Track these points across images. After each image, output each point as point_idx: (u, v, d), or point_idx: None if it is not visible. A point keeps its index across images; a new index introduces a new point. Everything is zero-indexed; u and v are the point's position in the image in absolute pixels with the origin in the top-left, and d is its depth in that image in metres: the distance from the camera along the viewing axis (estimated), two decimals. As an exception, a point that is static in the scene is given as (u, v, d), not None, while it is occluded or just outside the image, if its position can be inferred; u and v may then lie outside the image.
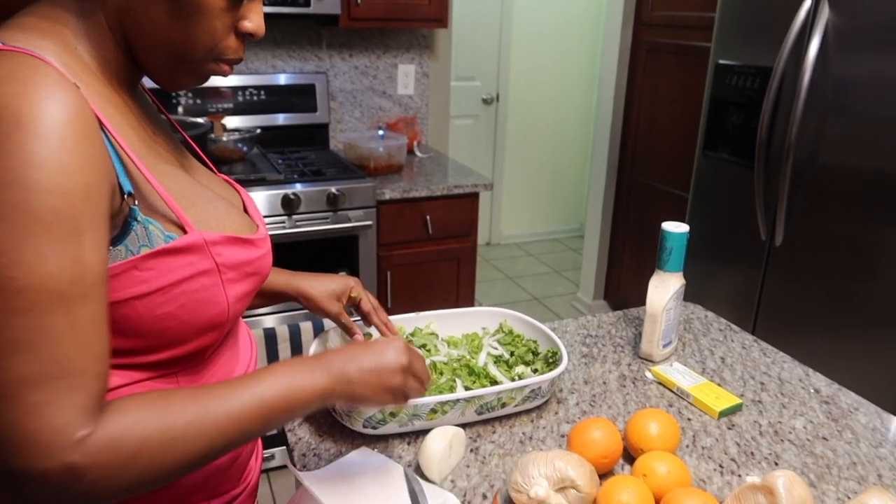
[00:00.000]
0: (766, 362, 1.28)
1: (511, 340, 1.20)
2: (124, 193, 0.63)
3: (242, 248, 0.73)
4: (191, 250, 0.67)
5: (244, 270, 0.74)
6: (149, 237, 0.65)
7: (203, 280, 0.68)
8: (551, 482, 0.84)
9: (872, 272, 1.97)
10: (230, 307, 0.72)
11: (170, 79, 0.72)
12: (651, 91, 3.14)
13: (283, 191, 2.15)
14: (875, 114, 1.91)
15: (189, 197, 0.72)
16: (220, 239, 0.70)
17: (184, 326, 0.69)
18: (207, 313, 0.70)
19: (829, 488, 0.94)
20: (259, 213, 0.88)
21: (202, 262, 0.68)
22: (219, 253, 0.70)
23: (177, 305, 0.67)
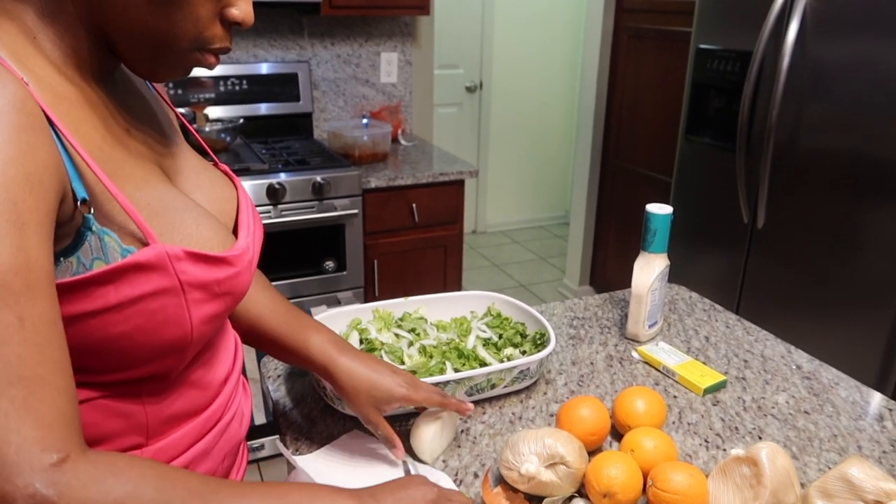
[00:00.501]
0: (749, 340, 1.30)
1: (499, 323, 1.21)
2: (77, 200, 0.57)
3: (212, 266, 0.65)
4: (151, 266, 0.60)
5: (213, 291, 0.66)
6: (104, 250, 0.58)
7: (164, 300, 0.61)
8: (541, 459, 0.85)
9: (852, 253, 2.00)
10: (194, 330, 0.64)
11: (151, 70, 0.66)
12: (633, 76, 3.16)
13: (267, 180, 2.15)
14: (853, 97, 1.94)
15: (155, 205, 0.64)
16: (185, 255, 0.62)
17: (140, 348, 0.62)
18: (168, 336, 0.63)
19: (811, 460, 0.97)
20: (253, 216, 0.80)
21: (163, 279, 0.61)
22: (183, 270, 0.62)
23: (132, 325, 0.60)
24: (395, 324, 1.20)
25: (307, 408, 1.06)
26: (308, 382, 1.12)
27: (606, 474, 0.84)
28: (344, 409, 1.01)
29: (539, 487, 0.85)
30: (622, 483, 0.83)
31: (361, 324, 1.18)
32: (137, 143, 0.68)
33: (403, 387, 0.89)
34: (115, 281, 0.58)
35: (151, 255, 0.60)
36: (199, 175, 0.77)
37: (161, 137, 0.74)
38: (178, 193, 0.68)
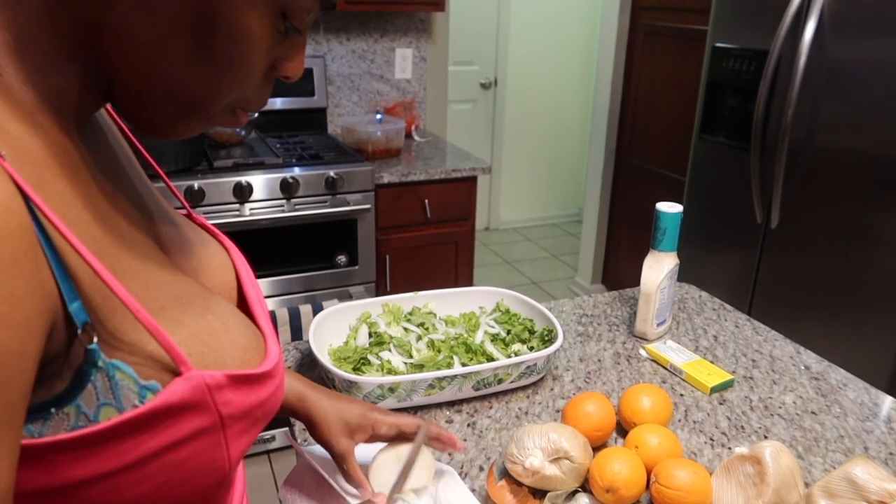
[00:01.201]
0: (758, 340, 1.30)
1: (508, 319, 1.22)
2: (77, 327, 0.40)
3: (255, 388, 0.49)
4: (186, 406, 0.44)
5: (255, 416, 0.50)
6: (115, 391, 0.42)
7: (199, 443, 0.45)
8: (546, 453, 0.86)
9: (866, 254, 1.99)
10: (231, 468, 0.49)
11: (167, 128, 0.50)
12: (649, 74, 3.15)
13: (281, 174, 2.17)
14: (870, 97, 1.92)
15: (171, 309, 0.47)
16: (227, 381, 0.47)
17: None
18: (200, 484, 0.47)
19: (816, 460, 0.97)
20: (258, 289, 0.62)
21: (201, 418, 0.45)
22: (226, 401, 0.46)
23: (155, 484, 0.44)
24: (405, 318, 1.21)
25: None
26: (318, 375, 1.13)
27: (610, 469, 0.84)
28: (352, 401, 1.02)
29: (543, 481, 0.86)
30: (625, 478, 0.84)
31: (371, 318, 1.20)
32: (126, 213, 0.50)
33: (377, 410, 0.82)
34: (136, 433, 0.42)
35: (187, 390, 0.44)
36: (191, 241, 0.59)
37: (143, 194, 0.57)
38: (189, 282, 0.52)
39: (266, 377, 0.51)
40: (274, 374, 0.52)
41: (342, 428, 0.79)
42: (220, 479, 0.49)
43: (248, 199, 2.14)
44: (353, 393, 1.01)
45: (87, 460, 0.41)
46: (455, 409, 1.05)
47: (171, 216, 0.59)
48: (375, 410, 0.82)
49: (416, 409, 1.04)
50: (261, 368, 0.50)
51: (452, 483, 0.87)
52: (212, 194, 2.09)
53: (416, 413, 1.04)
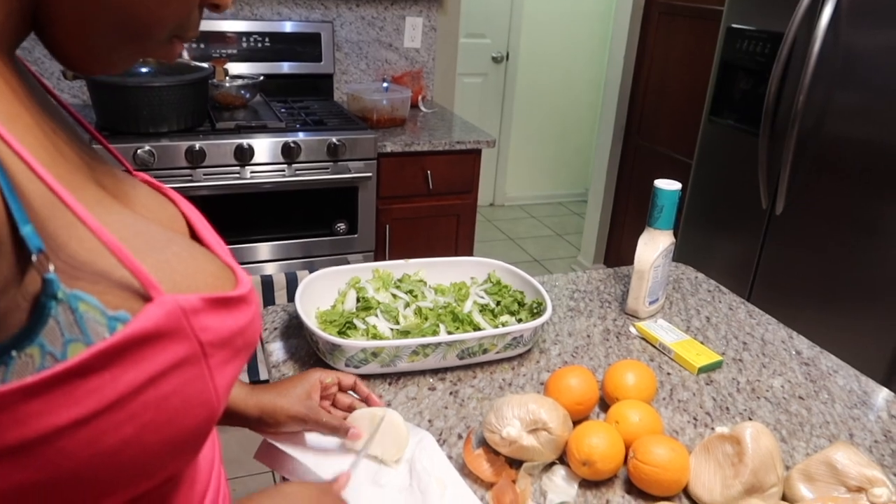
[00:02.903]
0: (751, 323, 1.28)
1: (498, 291, 1.21)
2: (31, 253, 0.37)
3: (233, 312, 0.48)
4: (162, 333, 0.41)
5: (236, 345, 0.49)
6: (80, 324, 0.39)
7: (182, 375, 0.43)
8: (524, 423, 0.85)
9: (871, 246, 1.96)
10: (220, 403, 0.47)
11: (101, 60, 0.48)
12: (662, 54, 3.10)
13: (283, 138, 2.15)
14: (883, 86, 1.88)
15: (134, 241, 0.45)
16: (203, 304, 0.45)
17: (151, 454, 0.43)
18: (189, 424, 0.44)
19: (799, 444, 0.96)
20: (216, 235, 0.58)
21: (180, 346, 0.43)
22: (203, 327, 0.44)
23: (140, 425, 0.41)
24: (394, 284, 1.20)
25: (300, 363, 1.07)
26: (303, 337, 1.13)
27: (587, 443, 0.84)
28: (335, 365, 1.01)
29: (520, 452, 0.86)
30: (602, 452, 0.83)
31: (360, 283, 1.19)
32: (68, 157, 0.47)
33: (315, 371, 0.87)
34: (111, 367, 0.39)
35: (160, 316, 0.41)
36: (135, 193, 0.55)
37: (83, 141, 0.53)
38: (147, 221, 0.50)
39: (242, 301, 0.49)
40: (249, 299, 0.51)
41: (297, 398, 0.83)
42: (209, 414, 0.46)
43: (249, 161, 2.12)
44: (335, 356, 1.00)
45: (61, 404, 0.38)
46: (439, 377, 1.05)
47: (112, 169, 0.55)
48: (313, 371, 0.87)
49: (399, 375, 1.04)
50: (236, 292, 0.49)
51: (430, 449, 0.86)
52: (213, 155, 2.08)
53: (399, 380, 1.03)
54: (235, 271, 0.53)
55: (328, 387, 0.87)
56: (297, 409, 0.82)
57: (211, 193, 2.09)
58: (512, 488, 0.81)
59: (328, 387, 0.87)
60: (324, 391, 0.86)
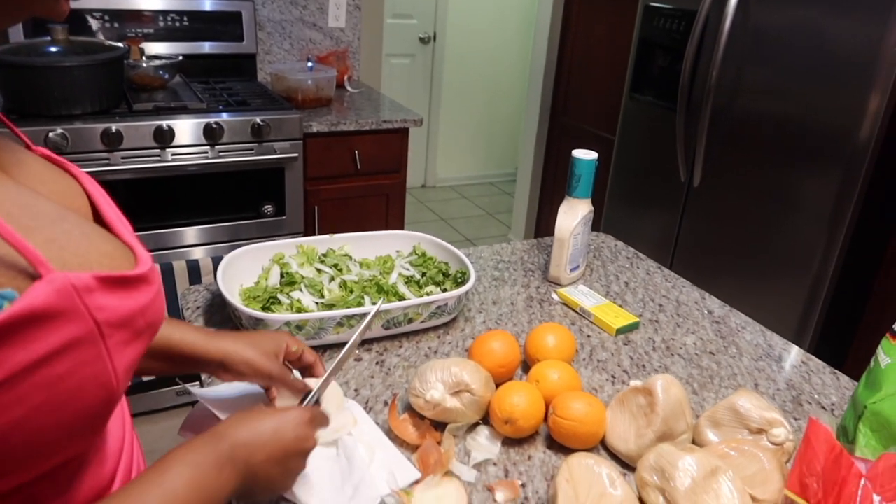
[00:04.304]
0: (666, 287, 1.34)
1: (423, 262, 1.22)
2: None
3: (131, 292, 0.47)
4: (53, 313, 0.40)
5: (136, 326, 0.48)
6: None
7: (76, 355, 0.42)
8: (447, 386, 0.87)
9: (780, 216, 2.06)
10: (119, 386, 0.46)
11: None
12: (584, 34, 3.16)
13: (205, 119, 2.10)
14: (790, 63, 1.98)
15: (20, 216, 0.44)
16: (97, 282, 0.43)
17: (42, 437, 0.42)
18: (86, 404, 0.44)
19: (709, 395, 1.01)
20: (118, 211, 0.57)
21: (73, 326, 0.42)
22: (99, 306, 0.43)
23: (32, 406, 0.40)
24: (318, 259, 1.20)
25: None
26: (226, 314, 1.12)
27: (509, 402, 0.86)
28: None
29: (444, 414, 0.88)
30: (524, 410, 0.86)
31: (284, 258, 1.18)
32: None
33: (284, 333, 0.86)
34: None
35: (50, 294, 0.40)
36: (31, 165, 0.54)
37: None
38: (36, 195, 0.48)
39: (141, 281, 0.48)
40: (150, 279, 0.50)
41: (268, 354, 0.80)
42: (108, 396, 0.45)
43: (169, 144, 2.07)
44: (259, 327, 0.99)
45: None
46: (365, 347, 1.06)
47: (6, 142, 0.53)
48: (283, 334, 0.85)
49: (325, 347, 1.04)
50: (134, 271, 0.48)
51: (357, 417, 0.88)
52: (131, 138, 2.01)
53: (325, 352, 1.04)
54: (135, 250, 0.52)
55: (291, 354, 0.84)
56: (265, 365, 0.80)
57: (131, 177, 2.02)
58: (437, 449, 0.83)
59: (291, 354, 0.84)
60: (287, 356, 0.84)
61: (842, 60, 1.85)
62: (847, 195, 1.91)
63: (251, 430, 0.62)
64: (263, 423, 0.64)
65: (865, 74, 1.80)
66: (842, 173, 1.90)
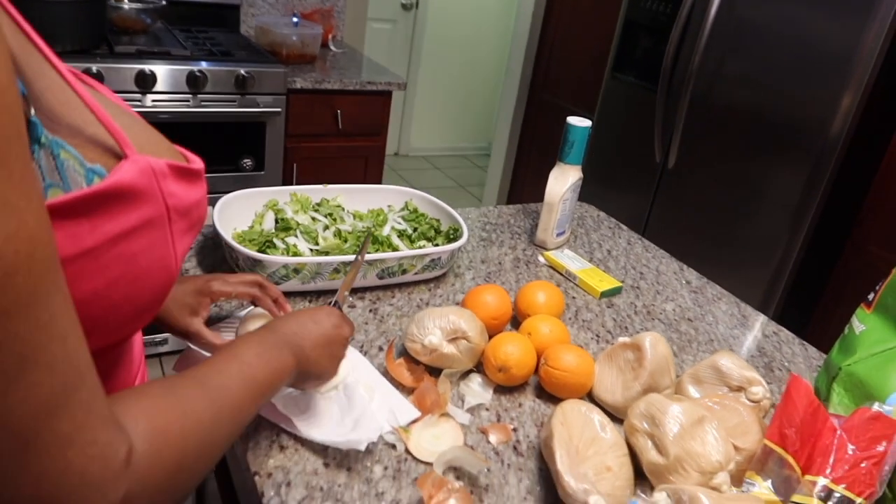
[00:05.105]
0: (647, 256, 1.38)
1: (415, 218, 1.24)
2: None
3: (192, 185, 0.50)
4: (136, 191, 0.43)
5: (192, 217, 0.51)
6: (61, 171, 0.40)
7: (149, 235, 0.44)
8: (444, 333, 0.90)
9: (748, 202, 2.13)
10: (177, 270, 0.49)
11: None
12: (569, 9, 3.18)
13: (188, 67, 2.06)
14: (768, 57, 2.03)
15: (92, 96, 0.46)
16: (170, 170, 0.46)
17: (119, 309, 0.44)
18: (152, 285, 0.46)
19: (688, 358, 1.06)
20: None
21: (150, 207, 0.44)
22: (171, 192, 0.46)
23: (111, 278, 0.42)
24: (313, 208, 1.20)
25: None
26: (220, 255, 1.12)
27: (503, 350, 0.89)
28: (255, 281, 1.01)
29: (440, 359, 0.90)
30: (517, 359, 0.89)
31: (278, 205, 1.18)
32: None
33: (214, 279, 0.85)
34: (89, 214, 0.40)
35: (135, 173, 0.43)
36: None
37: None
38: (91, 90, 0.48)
39: (198, 175, 0.52)
40: (203, 175, 0.53)
41: (184, 309, 0.81)
42: (168, 279, 0.48)
43: (150, 89, 2.03)
44: (256, 272, 1.00)
45: None
46: (358, 295, 1.07)
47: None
48: (212, 280, 0.85)
49: (319, 293, 1.05)
50: (195, 165, 0.51)
51: (353, 358, 0.89)
52: (111, 80, 1.96)
53: (319, 298, 1.05)
54: (181, 149, 0.55)
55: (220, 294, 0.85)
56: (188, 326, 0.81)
57: (108, 120, 1.98)
58: (434, 390, 0.85)
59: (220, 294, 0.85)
60: (216, 296, 0.85)
61: (820, 57, 1.91)
62: (814, 188, 1.98)
63: (296, 321, 0.68)
64: (303, 316, 0.70)
65: (841, 72, 1.86)
66: (811, 166, 1.98)
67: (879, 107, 1.91)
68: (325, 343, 0.69)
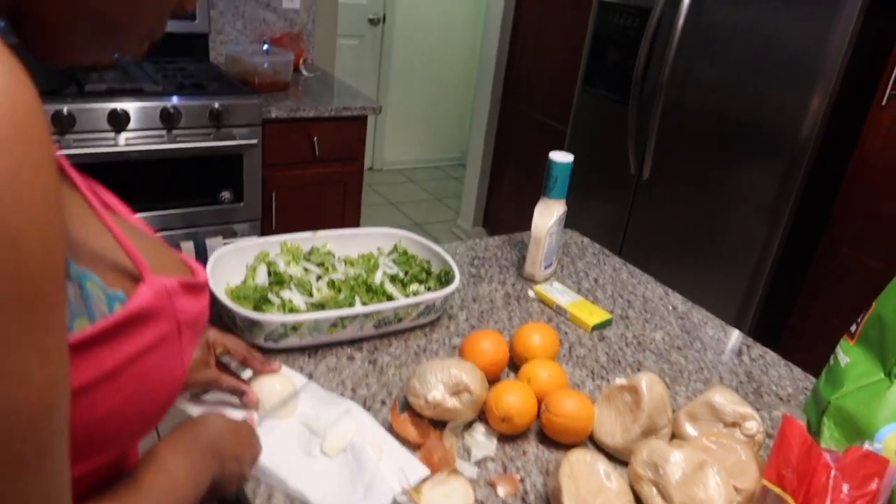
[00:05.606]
0: (632, 283, 1.42)
1: (406, 260, 1.25)
2: None
3: (198, 297, 0.52)
4: (153, 312, 0.45)
5: (198, 326, 0.53)
6: (86, 301, 0.41)
7: (162, 350, 0.47)
8: (447, 387, 0.91)
9: (725, 207, 2.18)
10: (184, 379, 0.51)
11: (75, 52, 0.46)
12: (538, 23, 3.21)
13: (161, 103, 2.05)
14: (739, 60, 2.08)
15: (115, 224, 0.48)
16: (180, 287, 0.49)
17: (131, 422, 0.46)
18: (163, 394, 0.48)
19: (680, 389, 1.09)
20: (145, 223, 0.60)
21: (164, 324, 0.47)
22: (182, 308, 0.49)
23: (127, 395, 0.44)
24: (304, 257, 1.21)
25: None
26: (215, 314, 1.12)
27: (505, 401, 0.91)
28: (254, 340, 1.02)
29: (444, 413, 0.92)
30: (519, 408, 0.91)
31: (269, 256, 1.19)
32: None
33: (209, 329, 0.88)
34: (111, 341, 0.42)
35: (151, 297, 0.45)
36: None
37: None
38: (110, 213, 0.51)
39: (203, 287, 0.54)
40: (207, 286, 0.56)
41: (199, 366, 0.85)
42: (176, 388, 0.50)
43: (124, 128, 2.01)
44: (254, 332, 1.01)
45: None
46: (356, 346, 1.08)
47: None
48: (208, 331, 0.88)
49: (317, 347, 1.06)
50: (200, 279, 0.53)
51: (359, 417, 0.91)
52: (83, 121, 1.95)
53: (318, 352, 1.06)
54: (185, 260, 0.57)
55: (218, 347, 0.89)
56: (196, 378, 0.85)
57: (83, 162, 1.96)
58: (441, 446, 0.87)
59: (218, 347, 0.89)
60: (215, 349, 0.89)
61: (788, 60, 1.96)
62: (787, 189, 2.03)
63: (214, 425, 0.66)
64: (210, 416, 0.68)
65: (809, 74, 1.92)
66: (783, 168, 2.03)
67: (847, 107, 1.97)
68: (234, 431, 0.68)
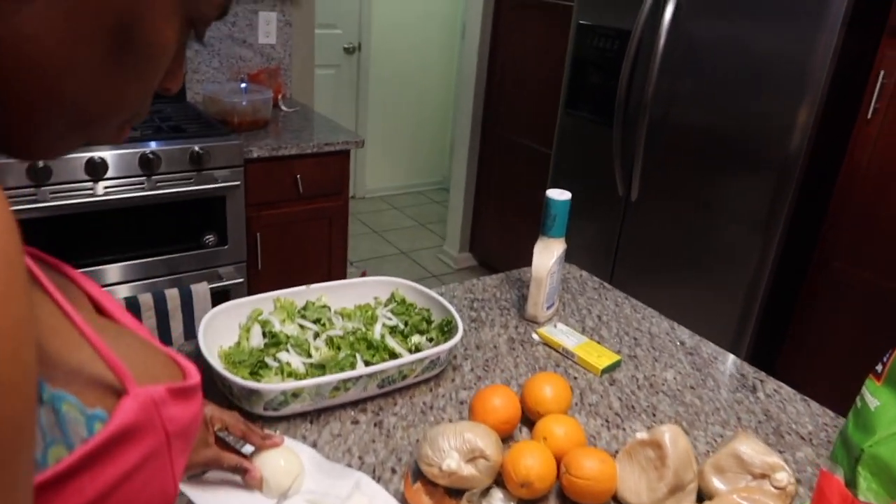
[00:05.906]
0: (637, 318, 1.38)
1: (404, 310, 1.21)
2: None
3: (189, 402, 0.47)
4: (138, 427, 0.41)
5: (190, 434, 0.48)
6: (62, 426, 0.37)
7: (151, 466, 0.42)
8: (462, 454, 0.86)
9: (715, 222, 2.16)
10: (176, 492, 0.47)
11: (47, 147, 0.43)
12: (516, 47, 3.20)
13: (139, 149, 1.99)
14: (721, 76, 2.07)
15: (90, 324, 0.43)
16: (168, 395, 0.44)
17: None
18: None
19: (699, 434, 1.05)
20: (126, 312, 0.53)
21: (151, 439, 0.42)
22: (170, 417, 0.44)
23: None
24: (299, 314, 1.16)
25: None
26: (209, 380, 1.06)
27: (524, 465, 0.87)
28: (252, 409, 0.97)
29: (460, 481, 0.87)
30: (538, 472, 0.86)
31: (263, 315, 1.14)
32: None
33: (205, 404, 0.81)
34: (91, 468, 0.38)
35: (137, 411, 0.40)
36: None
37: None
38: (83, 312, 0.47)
39: (195, 390, 0.49)
40: (199, 388, 0.50)
41: (199, 446, 0.79)
42: (167, 502, 0.45)
43: (101, 177, 1.95)
44: (252, 401, 0.96)
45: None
46: (359, 408, 1.03)
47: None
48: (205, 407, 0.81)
49: (319, 411, 1.01)
50: (190, 381, 0.48)
51: (370, 491, 0.85)
52: (60, 172, 1.88)
53: (320, 417, 1.01)
54: (176, 359, 0.51)
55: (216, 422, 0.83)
56: (195, 458, 0.78)
57: (61, 214, 1.90)
58: (459, 521, 0.82)
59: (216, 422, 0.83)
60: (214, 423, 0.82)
61: (773, 72, 1.95)
62: (780, 201, 2.02)
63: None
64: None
65: (795, 88, 1.91)
66: (774, 181, 2.01)
67: (834, 119, 1.96)
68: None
